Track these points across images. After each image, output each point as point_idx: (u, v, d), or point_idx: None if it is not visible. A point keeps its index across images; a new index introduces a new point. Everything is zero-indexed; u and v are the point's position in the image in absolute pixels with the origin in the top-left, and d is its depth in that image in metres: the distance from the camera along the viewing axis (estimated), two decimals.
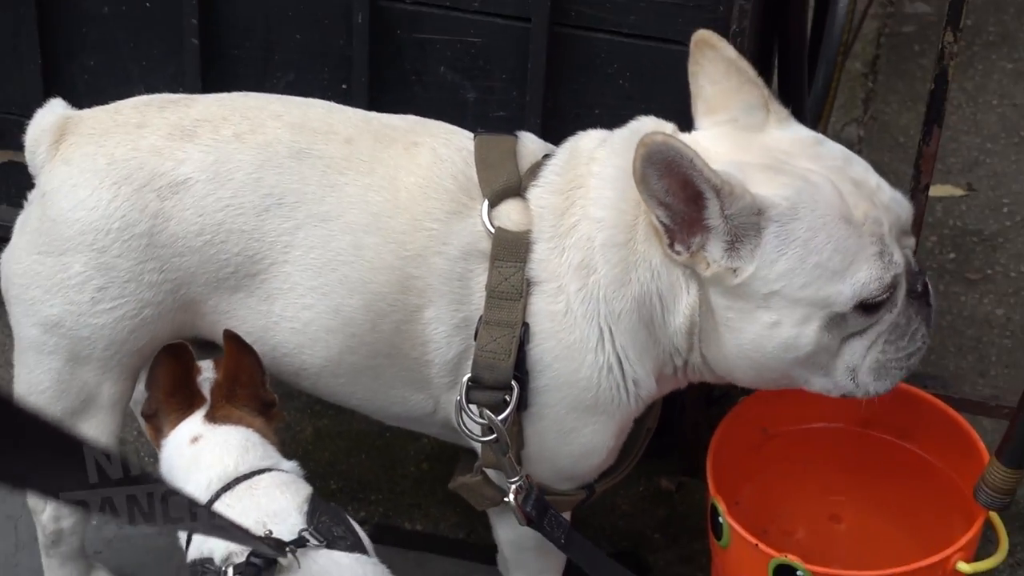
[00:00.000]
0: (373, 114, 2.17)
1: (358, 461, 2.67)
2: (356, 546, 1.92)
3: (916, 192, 2.35)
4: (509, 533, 2.19)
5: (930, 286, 1.99)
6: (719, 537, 2.16)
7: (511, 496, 2.05)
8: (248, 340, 2.08)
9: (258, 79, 2.41)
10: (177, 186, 2.02)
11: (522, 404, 2.00)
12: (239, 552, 1.79)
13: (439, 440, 2.32)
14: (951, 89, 2.33)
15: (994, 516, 2.15)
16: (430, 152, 2.04)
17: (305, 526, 1.86)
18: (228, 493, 1.92)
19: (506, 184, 1.98)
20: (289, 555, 1.78)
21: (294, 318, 2.06)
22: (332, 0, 2.41)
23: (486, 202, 1.98)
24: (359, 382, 2.14)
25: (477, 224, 1.98)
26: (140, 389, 2.22)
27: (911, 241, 1.98)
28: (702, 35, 2.01)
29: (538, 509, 2.05)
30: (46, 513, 2.28)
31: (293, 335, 2.08)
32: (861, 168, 1.94)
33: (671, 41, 2.28)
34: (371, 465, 2.68)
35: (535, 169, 2.01)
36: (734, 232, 1.84)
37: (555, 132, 2.15)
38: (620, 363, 2.00)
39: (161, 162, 2.03)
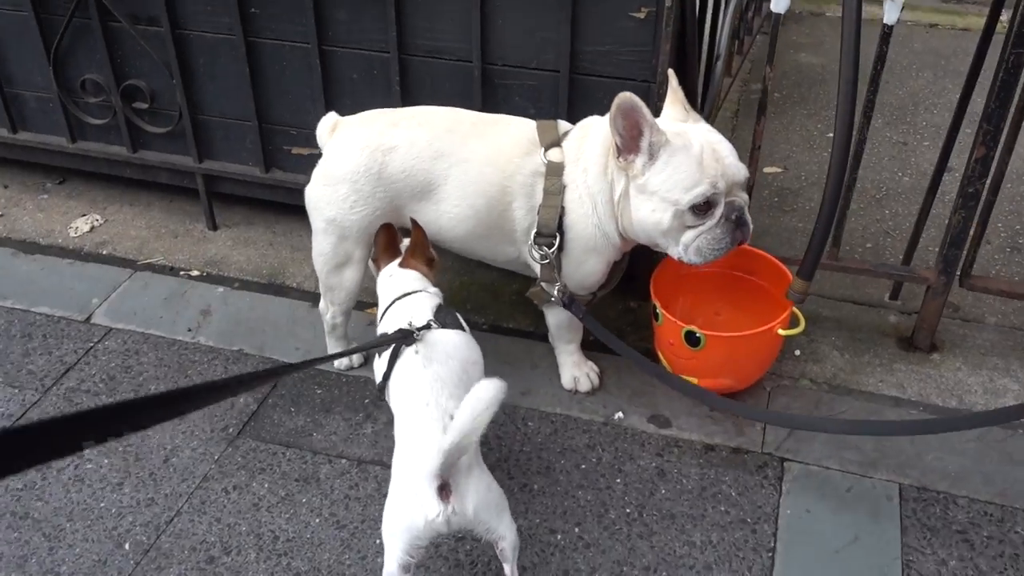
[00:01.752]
0: (485, 113, 2.30)
1: (481, 296, 2.79)
2: (459, 327, 2.03)
3: (751, 164, 2.39)
4: (553, 319, 2.37)
5: (745, 218, 2.05)
6: (657, 320, 2.34)
7: (555, 292, 2.22)
8: (426, 226, 2.24)
9: (428, 101, 2.44)
10: (391, 149, 2.19)
11: (560, 248, 2.17)
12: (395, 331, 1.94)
13: (522, 285, 2.42)
14: (779, 121, 2.48)
15: (796, 309, 2.27)
16: (515, 128, 2.20)
17: (432, 318, 1.98)
18: (399, 300, 2.08)
19: (552, 140, 2.14)
20: (418, 333, 1.91)
21: (449, 211, 2.22)
22: (464, 66, 2.51)
23: (543, 149, 2.14)
24: (481, 243, 2.28)
25: (539, 160, 2.14)
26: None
27: (743, 193, 2.06)
28: (671, 77, 2.14)
29: (568, 300, 2.22)
30: (328, 314, 2.46)
31: (449, 220, 2.23)
32: (724, 147, 2.03)
33: (627, 79, 2.39)
34: (486, 297, 2.80)
35: (565, 134, 2.17)
36: (649, 153, 1.98)
37: (573, 121, 2.23)
38: (600, 223, 2.13)
39: (383, 138, 2.20)
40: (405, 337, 1.92)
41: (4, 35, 2.95)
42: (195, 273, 2.98)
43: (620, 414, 2.40)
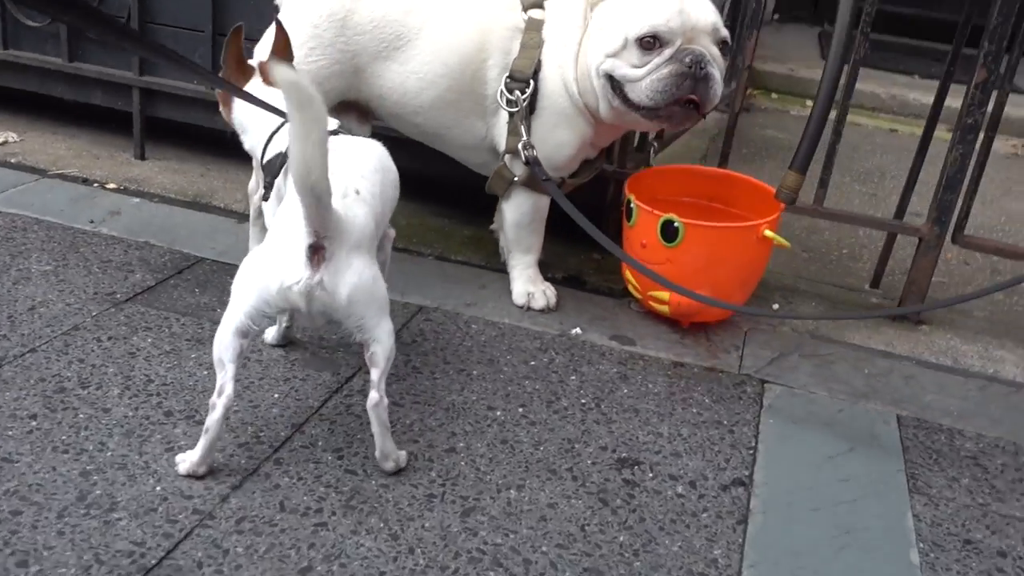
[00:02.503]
0: None
1: (430, 236, 2.50)
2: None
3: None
4: (513, 214, 2.11)
5: (709, 72, 1.85)
6: (629, 219, 2.11)
7: (520, 148, 1.98)
8: (390, 92, 2.05)
9: None
10: None
11: (532, 109, 1.98)
12: None
13: (474, 230, 2.32)
14: (748, 166, 2.31)
15: (778, 238, 2.03)
16: None
17: (338, 126, 1.70)
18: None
19: (534, 2, 2.03)
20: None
21: (418, 71, 2.02)
22: None
23: (521, 9, 2.02)
24: (448, 115, 2.07)
25: (519, 17, 2.01)
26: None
27: (711, 46, 1.87)
28: None
29: (532, 160, 1.98)
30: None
31: (418, 81, 2.03)
32: (695, 2, 1.88)
33: None
34: (436, 236, 2.52)
35: None
36: None
37: None
38: (564, 74, 1.97)
39: None
40: None
41: None
42: (111, 186, 2.66)
43: (578, 330, 2.09)
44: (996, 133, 2.15)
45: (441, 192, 2.75)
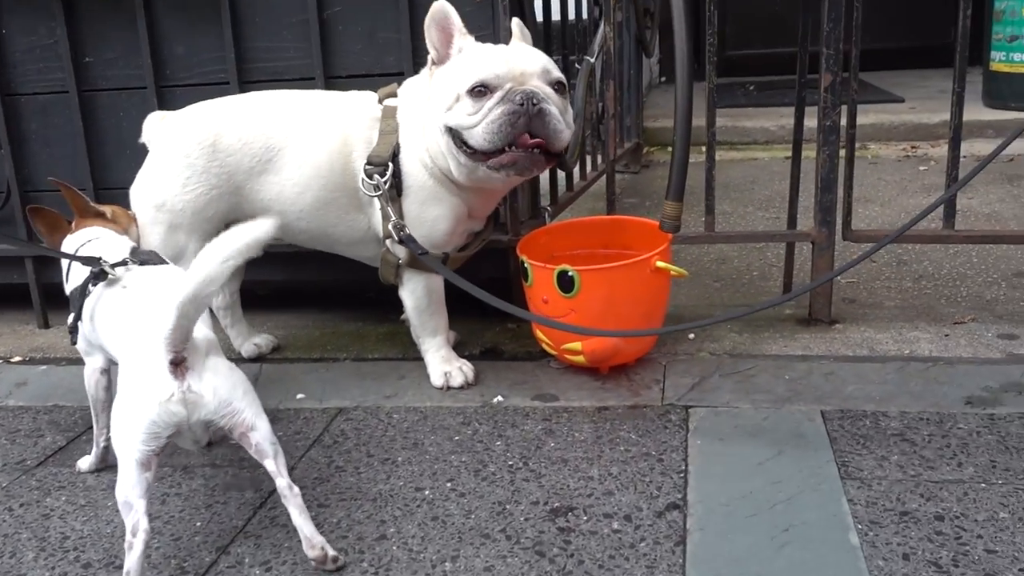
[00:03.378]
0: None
1: (344, 340, 2.53)
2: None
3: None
4: (411, 301, 2.14)
5: (544, 108, 1.88)
6: (527, 280, 2.15)
7: (391, 229, 2.01)
8: (271, 202, 2.09)
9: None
10: (225, 121, 2.09)
11: (400, 191, 2.03)
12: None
13: (389, 328, 2.37)
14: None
15: (671, 267, 2.08)
16: (353, 92, 2.16)
17: (127, 256, 1.79)
18: (88, 243, 1.85)
19: (389, 92, 2.11)
20: (111, 269, 1.73)
21: (292, 177, 2.08)
22: (307, 84, 2.43)
23: (378, 101, 2.10)
24: (331, 212, 2.10)
25: (376, 108, 2.09)
26: None
27: (543, 85, 1.92)
28: (514, 24, 2.09)
29: (406, 238, 2.01)
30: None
31: (295, 187, 2.08)
32: (521, 52, 1.97)
33: None
34: (350, 340, 2.56)
35: (398, 87, 2.13)
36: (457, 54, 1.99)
37: None
38: (419, 153, 2.03)
39: (216, 111, 2.12)
40: (96, 276, 1.74)
41: None
42: (16, 359, 2.64)
43: (500, 398, 2.10)
44: (855, 128, 2.27)
45: (350, 299, 2.79)
